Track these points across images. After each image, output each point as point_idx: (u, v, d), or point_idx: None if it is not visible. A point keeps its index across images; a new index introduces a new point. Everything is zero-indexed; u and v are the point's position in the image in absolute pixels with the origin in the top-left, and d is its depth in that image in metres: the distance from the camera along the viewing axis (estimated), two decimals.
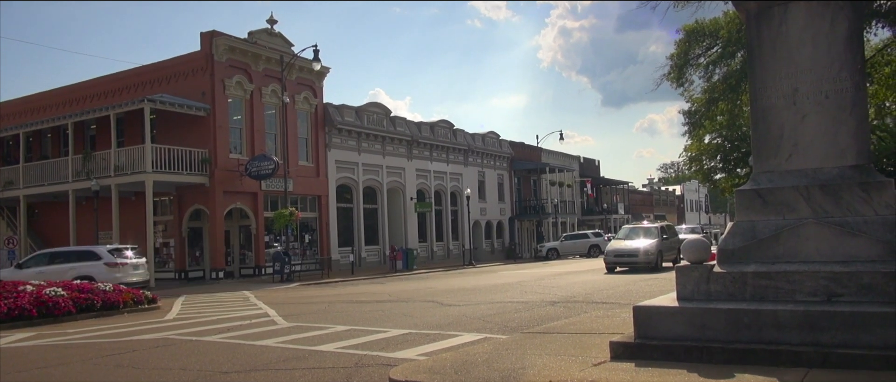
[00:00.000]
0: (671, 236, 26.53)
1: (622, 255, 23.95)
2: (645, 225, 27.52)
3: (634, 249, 23.68)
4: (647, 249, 23.62)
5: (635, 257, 23.42)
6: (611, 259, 24.28)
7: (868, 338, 5.64)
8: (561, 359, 6.83)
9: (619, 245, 24.68)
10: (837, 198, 6.56)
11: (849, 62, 6.69)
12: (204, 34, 29.40)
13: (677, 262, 22.24)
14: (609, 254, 24.57)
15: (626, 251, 23.96)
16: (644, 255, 23.35)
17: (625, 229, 27.41)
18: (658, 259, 23.75)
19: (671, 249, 25.51)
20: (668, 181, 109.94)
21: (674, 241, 26.22)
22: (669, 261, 24.75)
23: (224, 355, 9.05)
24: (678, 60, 26.06)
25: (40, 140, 34.71)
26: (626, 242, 24.73)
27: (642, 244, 23.87)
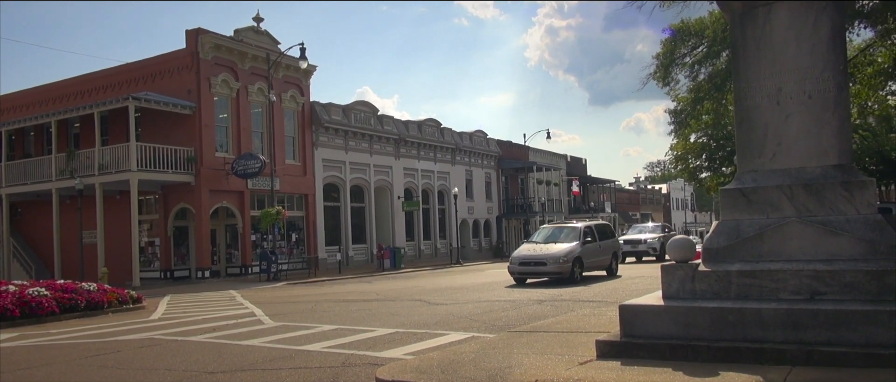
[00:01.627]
0: (603, 239, 21.35)
1: (528, 263, 19.06)
2: (571, 224, 21.66)
3: (544, 256, 18.83)
4: (558, 256, 18.66)
5: (544, 265, 18.67)
6: (516, 269, 19.31)
7: (851, 336, 5.71)
8: (547, 358, 6.85)
9: (528, 251, 19.69)
10: (820, 197, 6.62)
11: (832, 62, 6.75)
12: (189, 32, 29.18)
13: (613, 272, 21.13)
14: (513, 262, 19.53)
15: (534, 258, 19.04)
16: (554, 263, 18.46)
17: (543, 230, 22.02)
18: (575, 268, 18.74)
19: (600, 254, 20.62)
20: (655, 180, 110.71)
21: (605, 245, 21.17)
22: (601, 269, 20.80)
23: (210, 355, 9.00)
24: (664, 60, 26.17)
25: (23, 138, 34.32)
26: (537, 247, 19.80)
27: (553, 250, 19.06)
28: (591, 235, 20.63)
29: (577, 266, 18.89)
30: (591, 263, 19.93)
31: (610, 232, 22.86)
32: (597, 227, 21.74)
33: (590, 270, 20.01)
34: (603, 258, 20.82)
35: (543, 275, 18.86)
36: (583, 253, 19.43)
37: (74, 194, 27.85)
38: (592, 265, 20.11)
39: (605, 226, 23.04)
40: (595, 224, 22.05)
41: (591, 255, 19.98)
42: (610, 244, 21.69)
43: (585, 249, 19.71)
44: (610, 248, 21.49)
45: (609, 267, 21.16)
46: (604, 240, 21.33)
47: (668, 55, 26.06)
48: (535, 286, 18.28)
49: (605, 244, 21.28)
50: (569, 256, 18.77)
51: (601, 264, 20.79)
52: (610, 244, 21.78)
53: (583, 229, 20.51)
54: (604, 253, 20.90)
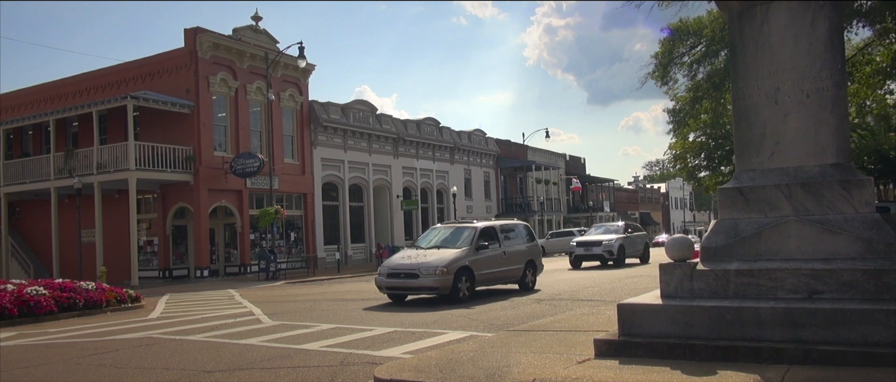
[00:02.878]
0: (514, 242, 16.73)
1: (398, 274, 14.55)
2: (470, 224, 16.52)
3: (418, 265, 14.39)
4: (435, 265, 14.24)
5: (416, 278, 14.28)
6: (384, 282, 14.77)
7: (848, 335, 5.71)
8: (546, 357, 6.85)
9: (402, 259, 15.10)
10: (818, 196, 6.63)
11: (830, 61, 6.76)
12: (188, 31, 29.16)
13: (528, 286, 16.50)
14: (382, 273, 15.05)
15: (406, 268, 14.54)
16: (429, 276, 14.12)
17: (434, 232, 17.06)
18: (460, 282, 14.32)
19: (506, 262, 15.95)
20: (654, 179, 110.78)
21: (515, 251, 16.42)
22: (510, 282, 16.41)
23: (208, 354, 9.00)
24: (662, 59, 26.20)
25: (21, 137, 34.28)
26: (418, 254, 15.16)
27: (431, 259, 14.56)
28: (492, 238, 15.89)
29: (463, 280, 14.34)
30: (490, 275, 15.35)
31: (525, 234, 17.62)
32: (503, 227, 16.86)
33: (490, 283, 15.66)
34: (511, 268, 16.08)
35: (418, 291, 14.45)
36: (475, 262, 14.81)
37: (73, 193, 27.82)
38: (494, 277, 15.59)
39: (517, 227, 17.87)
40: (502, 224, 17.22)
41: (490, 264, 15.33)
42: (523, 250, 16.78)
43: (480, 257, 15.06)
44: (522, 255, 16.59)
45: (522, 279, 16.44)
46: (514, 244, 16.62)
47: (667, 55, 26.09)
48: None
49: (515, 249, 16.48)
50: (451, 266, 14.15)
51: (508, 275, 16.12)
52: (523, 249, 16.83)
53: (479, 231, 15.58)
54: (512, 262, 16.14)
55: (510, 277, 16.35)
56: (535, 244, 17.94)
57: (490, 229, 16.38)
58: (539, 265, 17.55)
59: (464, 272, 14.55)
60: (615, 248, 25.10)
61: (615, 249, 25.10)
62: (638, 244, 27.44)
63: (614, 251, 25.08)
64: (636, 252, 27.17)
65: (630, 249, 26.37)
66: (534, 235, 18.37)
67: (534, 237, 18.17)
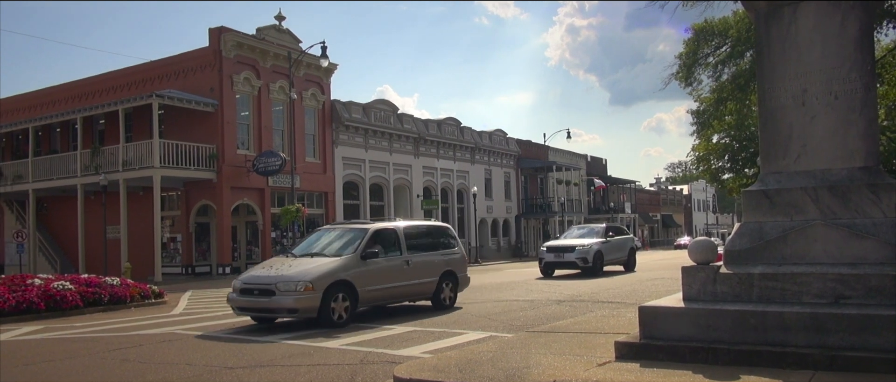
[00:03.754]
0: (420, 250, 13.34)
1: (251, 291, 11.40)
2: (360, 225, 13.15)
3: (276, 279, 11.12)
4: (296, 279, 10.96)
5: (271, 295, 11.01)
6: (235, 300, 11.73)
7: (876, 341, 5.61)
8: (566, 359, 6.82)
9: (263, 271, 11.92)
10: (846, 200, 6.52)
11: (859, 63, 6.64)
12: (212, 30, 29.48)
13: (445, 303, 13.35)
14: (235, 288, 11.90)
15: (261, 282, 11.33)
16: (286, 293, 10.83)
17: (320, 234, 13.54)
18: (333, 302, 11.02)
19: (408, 275, 12.73)
20: (676, 181, 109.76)
21: (422, 261, 13.12)
22: (418, 298, 13.45)
23: (229, 350, 9.08)
24: (687, 60, 25.95)
25: (49, 135, 34.90)
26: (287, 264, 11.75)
27: (292, 272, 11.24)
28: (391, 244, 12.72)
29: (339, 298, 11.09)
30: (383, 291, 12.16)
31: (443, 238, 14.28)
32: (410, 230, 13.40)
33: (385, 301, 12.74)
34: (417, 282, 12.90)
35: (273, 313, 11.23)
36: (359, 275, 11.56)
37: (99, 190, 28.28)
38: (390, 294, 12.45)
39: (433, 229, 14.68)
40: (408, 226, 13.55)
41: (383, 278, 12.14)
42: (438, 261, 13.49)
43: (369, 268, 11.82)
44: (435, 266, 13.33)
45: (435, 295, 13.33)
46: (425, 252, 13.35)
47: (691, 55, 25.83)
48: (560, 286, 14.95)
49: (424, 259, 13.16)
50: (320, 281, 10.88)
51: (413, 291, 13.01)
52: (438, 260, 13.52)
53: (369, 234, 12.22)
54: (420, 274, 12.92)
55: (416, 293, 13.11)
56: (456, 251, 14.27)
57: (388, 232, 12.92)
58: (462, 278, 14.12)
59: (340, 289, 11.11)
60: (591, 254, 21.96)
61: (591, 255, 21.94)
62: (621, 249, 24.06)
63: (589, 258, 21.87)
64: (618, 259, 23.82)
65: (611, 255, 23.16)
66: (456, 239, 14.75)
67: (455, 243, 14.51)
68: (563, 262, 22.30)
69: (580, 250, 22.07)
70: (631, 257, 24.53)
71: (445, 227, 15.28)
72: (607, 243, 23.14)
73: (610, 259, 23.06)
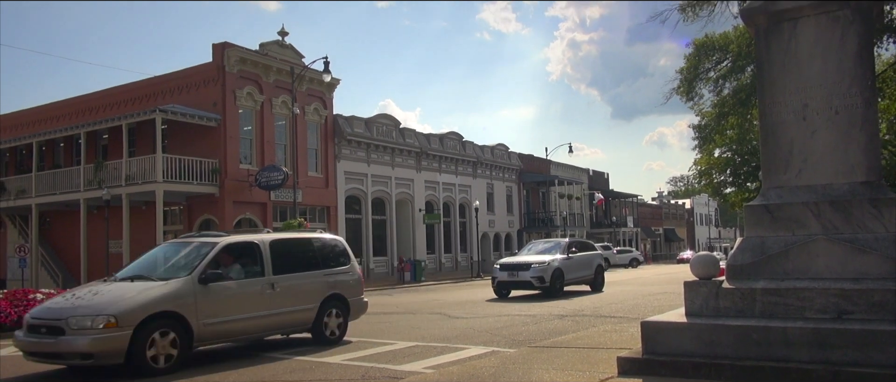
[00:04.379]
0: (285, 269, 10.49)
1: (37, 328, 8.78)
2: (191, 241, 10.63)
3: (63, 311, 8.65)
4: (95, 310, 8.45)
5: (60, 336, 8.33)
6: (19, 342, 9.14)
7: (879, 357, 5.59)
8: (568, 374, 6.80)
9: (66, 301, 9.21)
10: (847, 214, 6.52)
11: (859, 77, 6.67)
12: (216, 46, 29.65)
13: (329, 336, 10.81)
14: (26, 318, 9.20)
15: (49, 317, 8.79)
16: (76, 331, 8.23)
17: (156, 252, 11.23)
18: (139, 341, 8.36)
19: (267, 301, 10.03)
20: (678, 195, 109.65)
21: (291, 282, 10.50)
22: (289, 330, 11.00)
23: (230, 365, 9.05)
24: (688, 74, 26.01)
25: (53, 149, 35.01)
26: (99, 291, 9.20)
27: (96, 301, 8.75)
28: (250, 262, 10.23)
29: (158, 337, 8.54)
30: (232, 325, 9.55)
31: (331, 254, 11.62)
32: (278, 245, 10.58)
33: (234, 336, 10.00)
34: (288, 311, 10.32)
35: (59, 359, 8.62)
36: (194, 306, 8.99)
37: (101, 205, 28.31)
38: (244, 327, 9.79)
39: (316, 243, 11.58)
40: (276, 240, 10.72)
41: (233, 307, 9.58)
42: (319, 283, 10.92)
43: (211, 296, 9.24)
44: (316, 290, 10.80)
45: (316, 326, 10.78)
46: (301, 274, 10.73)
47: (692, 70, 25.90)
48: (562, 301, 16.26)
49: (299, 282, 10.65)
50: (128, 315, 8.36)
51: (282, 323, 10.45)
52: (320, 282, 10.96)
53: (216, 250, 9.70)
54: (292, 300, 10.40)
55: (287, 324, 10.51)
56: (348, 270, 11.59)
57: (245, 247, 10.33)
58: (355, 304, 11.55)
59: (163, 323, 8.59)
60: (549, 273, 19.53)
61: (549, 274, 19.52)
62: (586, 266, 21.67)
63: (547, 277, 19.45)
64: (583, 277, 21.40)
65: (573, 273, 20.81)
66: (349, 256, 11.91)
67: (347, 260, 11.77)
68: (517, 281, 19.99)
69: (537, 267, 19.69)
70: (598, 275, 22.19)
71: (335, 240, 12.14)
72: (569, 260, 20.81)
73: (572, 278, 20.76)
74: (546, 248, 21.93)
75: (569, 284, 20.64)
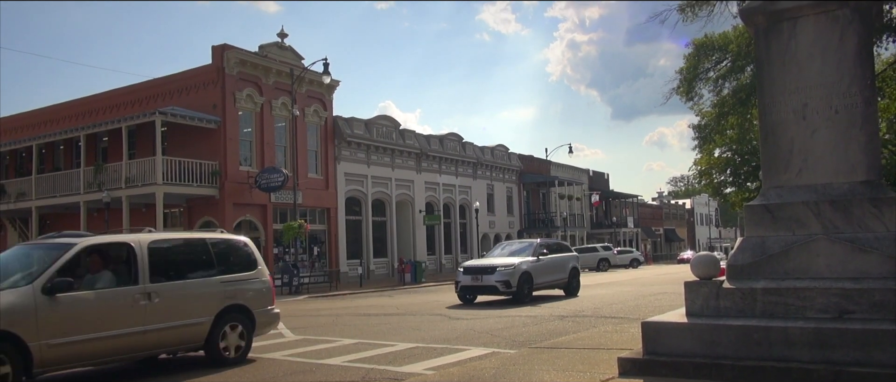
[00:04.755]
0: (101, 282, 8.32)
1: None
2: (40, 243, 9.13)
3: None
4: None
5: None
6: None
7: (881, 356, 5.58)
8: (568, 375, 6.79)
9: None
10: (848, 214, 6.51)
11: (859, 77, 6.66)
12: (215, 48, 29.66)
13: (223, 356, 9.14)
14: None
15: None
16: None
17: None
18: None
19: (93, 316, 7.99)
20: (678, 195, 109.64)
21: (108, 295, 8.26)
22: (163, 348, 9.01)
23: (230, 368, 9.04)
24: (687, 74, 25.99)
25: (53, 152, 35.02)
26: None
27: None
28: (124, 268, 8.59)
29: None
30: (93, 345, 7.95)
31: (226, 254, 9.91)
32: (158, 246, 8.98)
33: (102, 359, 8.27)
34: (170, 327, 8.69)
35: None
36: (33, 323, 7.46)
37: (102, 207, 28.32)
38: (105, 348, 8.10)
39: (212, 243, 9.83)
40: (157, 240, 9.08)
41: (92, 323, 7.94)
42: (208, 293, 9.19)
43: (57, 311, 7.68)
44: (207, 300, 9.16)
45: (208, 343, 9.11)
46: (178, 280, 8.98)
47: (692, 70, 25.89)
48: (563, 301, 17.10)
49: (178, 293, 8.89)
50: None
51: (162, 340, 8.72)
52: (208, 292, 9.21)
53: (71, 255, 8.04)
54: (171, 313, 8.70)
55: (169, 342, 8.72)
56: (253, 276, 9.88)
57: (113, 250, 8.77)
58: (262, 316, 9.89)
59: None
60: (515, 277, 17.96)
61: (515, 278, 17.95)
62: (558, 269, 20.17)
63: (513, 281, 17.91)
64: (556, 281, 20.03)
65: (544, 277, 19.30)
66: (256, 259, 10.15)
67: (254, 264, 10.04)
68: (481, 286, 18.39)
69: (502, 271, 18.07)
70: (573, 279, 20.67)
71: (238, 241, 10.27)
72: (539, 262, 19.16)
73: (543, 282, 19.31)
74: (515, 250, 20.27)
75: (539, 288, 19.29)
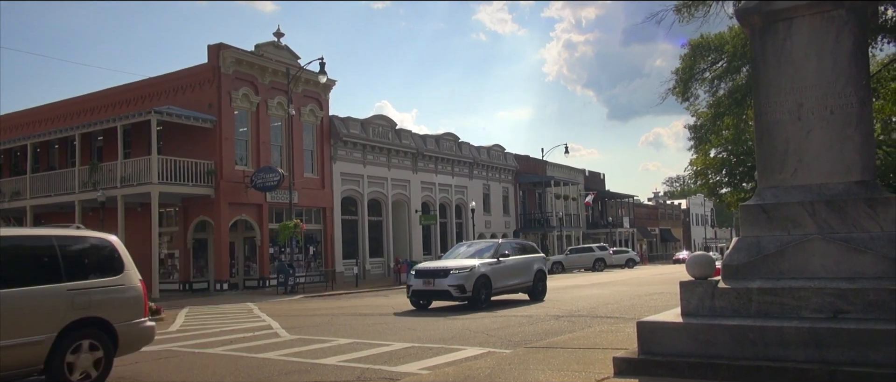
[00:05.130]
0: None
1: None
2: None
3: None
4: None
5: None
6: None
7: (875, 356, 5.59)
8: (564, 374, 6.78)
9: None
10: (843, 214, 6.52)
11: (854, 77, 6.67)
12: (211, 47, 29.59)
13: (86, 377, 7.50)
14: None
15: None
16: None
17: None
18: None
19: None
20: (674, 195, 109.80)
21: None
22: None
23: (226, 367, 9.02)
24: (683, 75, 26.03)
25: (48, 151, 34.90)
26: None
27: None
28: None
29: None
30: None
31: (82, 255, 8.26)
32: None
33: None
34: None
35: None
36: None
37: (97, 207, 28.23)
38: None
39: (61, 242, 7.94)
40: None
41: None
42: (50, 306, 7.34)
43: None
44: (49, 313, 7.35)
45: (53, 365, 7.30)
46: (17, 289, 7.12)
47: (688, 70, 25.93)
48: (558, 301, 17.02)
49: (15, 300, 7.06)
50: None
51: None
52: (50, 303, 7.35)
53: None
54: None
55: None
56: (118, 282, 8.11)
57: None
58: (127, 332, 8.02)
59: None
60: (471, 280, 16.22)
61: (471, 282, 16.20)
62: (522, 272, 18.37)
63: (469, 286, 16.13)
64: (519, 285, 18.25)
65: (504, 281, 17.56)
66: (121, 261, 8.34)
67: (120, 266, 8.27)
68: (433, 290, 16.58)
69: (457, 274, 16.30)
70: (538, 282, 18.87)
71: (98, 240, 8.53)
72: (499, 264, 17.38)
73: (504, 286, 17.57)
74: (477, 250, 18.54)
75: (499, 293, 17.48)
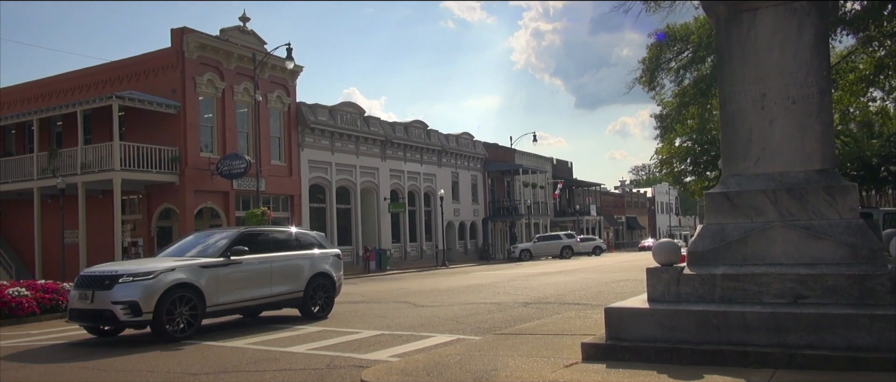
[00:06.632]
0: None
1: None
2: None
3: None
4: None
5: None
6: None
7: (833, 339, 5.76)
8: (533, 360, 6.86)
9: None
10: (804, 201, 6.69)
11: (815, 68, 6.83)
12: (175, 31, 28.95)
13: None
14: None
15: None
16: None
17: None
18: None
19: None
20: (640, 183, 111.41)
21: None
22: None
23: (193, 356, 8.92)
24: (650, 65, 26.36)
25: (4, 136, 33.85)
26: None
27: None
28: None
29: None
30: None
31: None
32: None
33: None
34: None
35: None
36: None
37: (56, 194, 27.49)
38: None
39: None
40: None
41: None
42: None
43: None
44: None
45: None
46: None
47: (654, 60, 26.24)
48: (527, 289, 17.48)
49: None
50: None
51: None
52: None
53: None
54: None
55: None
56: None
57: None
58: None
59: None
60: (154, 296, 10.19)
61: (153, 298, 10.17)
62: (282, 278, 12.32)
63: (148, 304, 10.11)
64: (275, 297, 12.21)
65: (239, 292, 11.53)
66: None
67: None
68: (90, 311, 10.45)
69: (128, 284, 10.20)
70: (320, 291, 13.11)
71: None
72: (228, 267, 11.37)
73: (235, 301, 11.49)
74: (206, 246, 11.95)
75: (225, 313, 11.69)
